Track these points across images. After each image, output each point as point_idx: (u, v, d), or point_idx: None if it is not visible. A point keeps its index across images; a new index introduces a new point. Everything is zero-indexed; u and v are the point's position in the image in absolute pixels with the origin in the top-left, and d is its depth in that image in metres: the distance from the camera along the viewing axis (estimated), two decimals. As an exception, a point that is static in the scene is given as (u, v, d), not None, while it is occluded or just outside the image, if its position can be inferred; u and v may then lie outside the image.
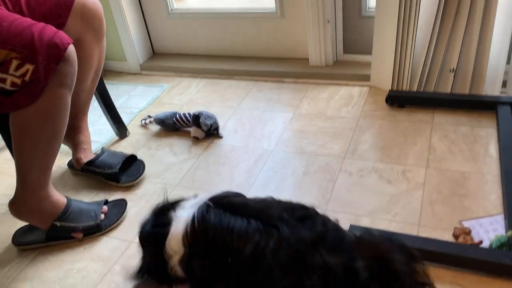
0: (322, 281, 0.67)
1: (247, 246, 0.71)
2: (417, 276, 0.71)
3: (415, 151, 1.38)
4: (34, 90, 1.01)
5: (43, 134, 1.09)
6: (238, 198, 0.83)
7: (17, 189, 1.17)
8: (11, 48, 0.97)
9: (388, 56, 1.61)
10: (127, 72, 2.17)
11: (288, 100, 1.77)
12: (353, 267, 0.67)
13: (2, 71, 0.97)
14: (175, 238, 0.77)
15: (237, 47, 2.04)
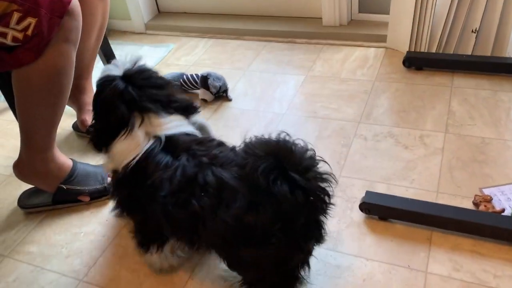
0: (213, 194, 0.76)
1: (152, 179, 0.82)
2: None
3: (434, 115, 1.33)
4: (38, 45, 0.95)
5: (48, 93, 1.04)
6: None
7: (21, 150, 1.13)
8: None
9: (407, 16, 1.52)
10: (132, 32, 2.09)
11: (300, 61, 1.70)
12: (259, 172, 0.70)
13: (3, 24, 0.91)
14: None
15: (247, 5, 1.95)
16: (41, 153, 1.13)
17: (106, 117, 0.91)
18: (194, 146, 0.85)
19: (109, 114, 0.90)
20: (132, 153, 0.86)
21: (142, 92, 0.90)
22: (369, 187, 1.13)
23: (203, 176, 0.78)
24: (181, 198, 0.78)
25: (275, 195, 0.70)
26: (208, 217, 0.76)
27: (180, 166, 0.80)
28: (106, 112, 0.91)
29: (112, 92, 0.89)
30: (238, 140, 1.33)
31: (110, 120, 0.90)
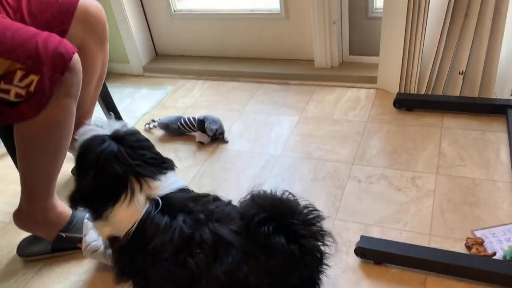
0: (209, 251, 0.77)
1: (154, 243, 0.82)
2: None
3: (425, 156, 1.36)
4: (39, 101, 0.98)
5: (49, 144, 1.07)
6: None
7: (22, 199, 1.15)
8: (15, 58, 0.95)
9: (396, 58, 1.58)
10: (130, 74, 2.15)
11: (294, 102, 1.74)
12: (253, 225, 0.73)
13: (6, 82, 0.95)
14: None
15: (241, 48, 2.02)
16: (41, 202, 1.15)
17: (98, 177, 0.86)
18: (190, 203, 0.85)
19: (103, 175, 0.86)
20: (134, 219, 0.84)
21: (134, 153, 0.88)
22: (363, 231, 1.15)
23: (200, 234, 0.79)
24: (181, 258, 0.79)
25: (269, 246, 0.71)
26: (203, 275, 0.77)
27: (177, 226, 0.81)
28: (98, 173, 0.86)
29: (108, 152, 0.86)
30: (235, 182, 1.36)
31: (103, 181, 0.86)
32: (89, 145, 0.88)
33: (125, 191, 0.85)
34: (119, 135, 0.89)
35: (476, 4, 1.39)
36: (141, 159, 0.88)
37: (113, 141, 0.88)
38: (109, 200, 0.86)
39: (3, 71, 0.94)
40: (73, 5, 1.20)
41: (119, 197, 0.85)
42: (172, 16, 2.05)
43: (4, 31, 0.97)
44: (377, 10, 1.73)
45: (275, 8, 1.88)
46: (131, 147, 0.88)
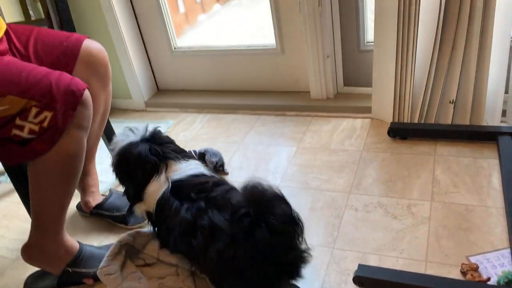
0: (208, 237, 0.95)
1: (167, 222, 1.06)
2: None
3: (419, 184, 1.40)
4: (53, 136, 1.04)
5: (61, 176, 1.12)
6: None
7: (32, 234, 1.19)
8: (31, 97, 1.02)
9: (388, 89, 1.64)
10: (133, 110, 2.21)
11: (292, 133, 1.80)
12: (237, 217, 0.89)
13: (22, 118, 1.01)
14: None
15: (240, 82, 2.09)
16: (51, 235, 1.18)
17: (138, 171, 1.11)
18: (193, 193, 1.04)
19: (142, 167, 1.10)
20: (157, 196, 1.08)
21: (162, 148, 1.13)
22: (361, 259, 1.18)
23: (200, 221, 0.97)
24: (186, 239, 1.00)
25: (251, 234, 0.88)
26: (201, 254, 0.97)
27: (182, 214, 1.01)
28: (139, 167, 1.11)
29: (143, 150, 1.11)
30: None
31: (143, 171, 1.10)
32: (126, 149, 1.13)
33: (156, 173, 1.10)
34: (148, 137, 1.15)
35: (461, 37, 1.46)
36: (168, 150, 1.14)
37: (144, 142, 1.14)
38: (146, 182, 1.10)
39: (19, 108, 1.01)
40: (77, 48, 1.27)
41: (152, 178, 1.10)
42: (172, 53, 2.13)
43: (19, 73, 1.04)
44: (369, 43, 1.80)
45: (271, 43, 1.96)
46: (159, 143, 1.14)
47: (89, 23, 2.03)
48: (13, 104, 1.00)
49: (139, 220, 1.42)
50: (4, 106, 1.00)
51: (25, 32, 1.25)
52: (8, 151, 1.06)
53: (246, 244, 0.89)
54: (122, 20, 2.00)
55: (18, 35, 1.24)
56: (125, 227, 1.42)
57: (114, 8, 1.95)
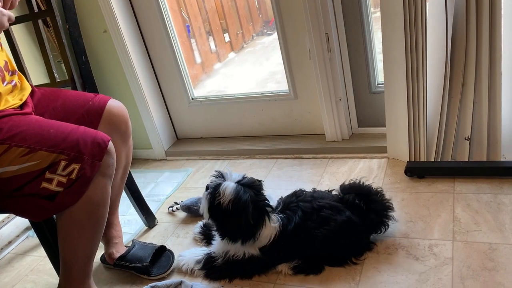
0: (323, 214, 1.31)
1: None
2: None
3: (440, 223, 1.39)
4: (80, 188, 1.10)
5: (88, 223, 1.17)
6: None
7: (60, 282, 1.22)
8: (60, 151, 1.09)
9: (402, 128, 1.66)
10: (153, 159, 2.28)
11: (309, 176, 1.81)
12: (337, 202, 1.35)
13: (51, 172, 1.08)
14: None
15: (256, 127, 2.14)
16: (79, 284, 1.22)
17: (247, 214, 1.26)
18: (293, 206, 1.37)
19: (250, 212, 1.26)
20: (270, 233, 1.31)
21: (257, 196, 1.31)
22: (385, 304, 1.16)
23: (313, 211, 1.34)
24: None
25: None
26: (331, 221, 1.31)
27: (298, 218, 1.32)
28: (247, 210, 1.26)
29: (250, 197, 1.28)
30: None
31: (251, 215, 1.26)
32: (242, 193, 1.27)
33: (264, 217, 1.31)
34: (247, 184, 1.31)
35: (471, 73, 1.49)
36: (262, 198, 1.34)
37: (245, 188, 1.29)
38: (259, 226, 1.30)
39: (49, 162, 1.08)
40: (102, 108, 1.35)
41: (263, 222, 1.30)
42: (190, 103, 2.21)
43: (48, 129, 1.12)
44: (380, 84, 1.84)
45: (284, 89, 2.02)
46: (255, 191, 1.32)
47: (110, 79, 2.14)
48: (44, 158, 1.07)
49: (162, 271, 1.44)
50: (36, 161, 1.07)
51: (53, 94, 1.35)
52: (38, 207, 1.11)
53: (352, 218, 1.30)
54: (141, 75, 2.10)
55: (46, 96, 1.33)
56: (147, 278, 1.43)
57: (134, 65, 2.05)
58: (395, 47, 1.55)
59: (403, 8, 1.46)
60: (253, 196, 1.28)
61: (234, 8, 3.23)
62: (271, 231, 1.30)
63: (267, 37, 3.48)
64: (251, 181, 1.32)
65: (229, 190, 1.25)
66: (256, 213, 1.28)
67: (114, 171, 1.18)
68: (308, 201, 1.36)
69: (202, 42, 2.94)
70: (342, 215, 1.30)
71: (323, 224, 1.29)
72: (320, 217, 1.30)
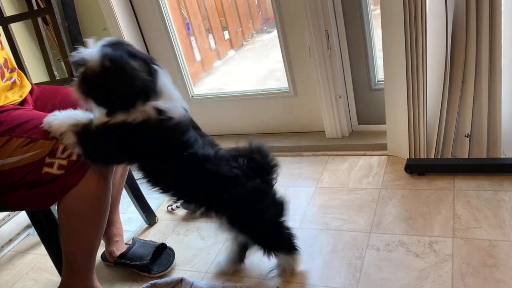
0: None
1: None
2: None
3: (440, 220, 1.39)
4: (82, 167, 1.10)
5: (90, 217, 1.16)
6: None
7: (63, 277, 1.23)
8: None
9: (402, 125, 1.66)
10: (153, 157, 2.27)
11: (309, 173, 1.81)
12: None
13: (51, 156, 1.08)
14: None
15: (256, 125, 2.14)
16: (83, 279, 1.22)
17: (128, 68, 1.03)
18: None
19: (130, 64, 1.04)
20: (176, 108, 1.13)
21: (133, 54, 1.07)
22: (385, 301, 1.17)
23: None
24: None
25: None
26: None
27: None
28: (126, 64, 1.03)
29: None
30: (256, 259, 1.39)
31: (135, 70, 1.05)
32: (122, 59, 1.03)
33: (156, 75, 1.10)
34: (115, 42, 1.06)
35: (471, 70, 1.48)
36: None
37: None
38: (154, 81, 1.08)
39: (49, 149, 1.08)
40: None
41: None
42: (190, 101, 2.21)
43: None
44: (380, 82, 1.84)
45: (284, 86, 2.02)
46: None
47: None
48: (44, 146, 1.08)
49: (162, 269, 1.44)
50: (37, 150, 1.08)
51: (52, 91, 1.35)
52: (42, 194, 1.10)
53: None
54: (141, 73, 2.09)
55: (45, 93, 1.34)
56: (148, 275, 1.43)
57: (133, 62, 2.05)
58: (395, 44, 1.55)
59: (403, 5, 1.46)
60: (130, 52, 1.04)
61: (234, 5, 3.23)
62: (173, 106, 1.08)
63: (267, 34, 3.47)
64: (120, 41, 1.08)
65: (95, 53, 1.00)
66: (145, 65, 1.05)
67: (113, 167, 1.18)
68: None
69: (201, 40, 2.93)
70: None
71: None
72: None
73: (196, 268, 1.44)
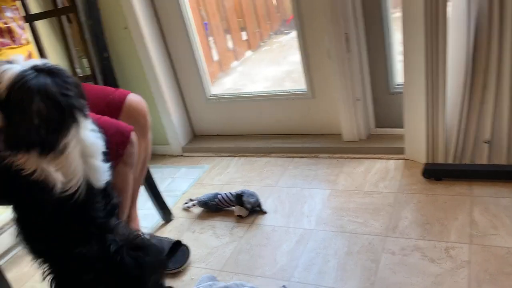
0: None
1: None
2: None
3: (457, 226, 1.38)
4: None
5: None
6: None
7: None
8: None
9: (420, 130, 1.65)
10: (170, 155, 2.30)
11: (325, 175, 1.82)
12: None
13: None
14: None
15: (272, 126, 2.15)
16: None
17: (31, 106, 0.88)
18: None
19: (37, 103, 0.88)
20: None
21: (61, 88, 0.92)
22: (400, 305, 1.16)
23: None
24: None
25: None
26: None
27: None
28: (32, 100, 0.88)
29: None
30: (271, 259, 1.40)
31: (41, 109, 0.88)
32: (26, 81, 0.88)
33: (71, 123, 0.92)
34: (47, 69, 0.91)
35: (492, 75, 1.47)
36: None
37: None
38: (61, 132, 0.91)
39: None
40: (121, 102, 1.37)
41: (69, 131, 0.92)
42: (207, 100, 2.23)
43: None
44: (398, 85, 1.83)
45: (302, 88, 2.02)
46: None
47: (129, 75, 2.16)
48: None
49: (178, 265, 1.45)
50: None
51: None
52: None
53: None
54: (160, 72, 2.12)
55: None
56: (163, 272, 1.45)
57: (153, 61, 2.07)
58: (416, 48, 1.54)
59: (424, 9, 1.45)
60: (53, 85, 0.88)
61: (252, 6, 3.25)
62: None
63: (284, 36, 3.48)
64: (54, 67, 0.92)
65: (11, 73, 0.86)
66: (56, 111, 0.88)
67: (135, 160, 1.21)
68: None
69: (219, 40, 2.96)
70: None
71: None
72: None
73: (210, 266, 1.46)
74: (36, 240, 0.97)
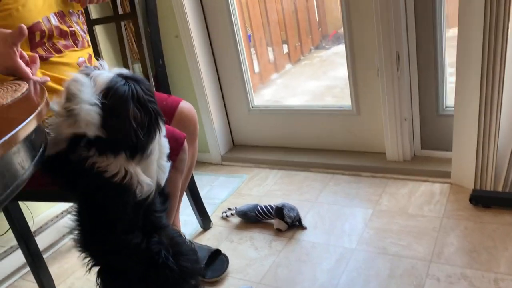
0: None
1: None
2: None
3: (507, 257, 1.33)
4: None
5: None
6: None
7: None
8: None
9: (470, 154, 1.61)
10: (210, 163, 2.32)
11: (367, 195, 1.79)
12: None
13: None
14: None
15: (313, 140, 2.13)
16: None
17: (127, 111, 0.91)
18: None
19: (131, 109, 0.91)
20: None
21: (147, 94, 0.95)
22: (446, 335, 1.12)
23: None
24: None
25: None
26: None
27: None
28: (127, 106, 0.90)
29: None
30: (311, 276, 1.39)
31: (134, 115, 0.92)
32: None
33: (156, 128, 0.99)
34: (131, 77, 0.94)
35: (551, 104, 1.42)
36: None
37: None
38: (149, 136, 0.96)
39: None
40: (174, 108, 1.40)
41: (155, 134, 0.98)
42: (250, 111, 2.24)
43: None
44: (448, 108, 1.79)
45: (346, 104, 2.01)
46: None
47: (176, 82, 2.21)
48: None
49: (216, 274, 1.46)
50: None
51: None
52: None
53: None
54: (206, 80, 2.15)
55: None
56: (202, 279, 1.45)
57: (201, 70, 2.11)
58: (470, 70, 1.51)
59: (483, 29, 1.42)
60: (140, 92, 0.91)
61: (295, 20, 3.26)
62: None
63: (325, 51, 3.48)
64: (137, 76, 0.95)
65: (105, 79, 0.89)
66: (145, 115, 0.91)
67: (185, 166, 1.23)
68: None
69: (261, 52, 2.98)
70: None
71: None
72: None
73: (249, 278, 1.45)
74: (94, 233, 0.98)
